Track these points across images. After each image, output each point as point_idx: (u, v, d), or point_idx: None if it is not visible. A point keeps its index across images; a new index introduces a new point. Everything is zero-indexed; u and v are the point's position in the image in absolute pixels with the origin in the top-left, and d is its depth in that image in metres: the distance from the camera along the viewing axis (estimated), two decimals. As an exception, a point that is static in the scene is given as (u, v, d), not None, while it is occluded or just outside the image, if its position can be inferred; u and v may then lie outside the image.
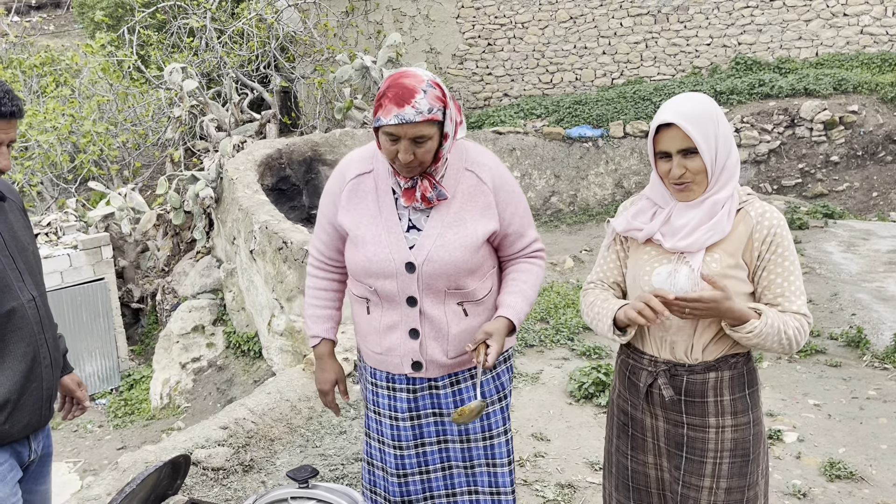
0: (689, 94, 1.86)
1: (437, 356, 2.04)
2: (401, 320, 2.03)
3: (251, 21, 10.88)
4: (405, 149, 1.86)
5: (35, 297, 1.95)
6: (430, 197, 1.95)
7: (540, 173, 10.41)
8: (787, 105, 9.93)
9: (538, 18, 11.77)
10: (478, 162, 2.04)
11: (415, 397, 2.09)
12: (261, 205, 6.96)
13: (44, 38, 18.14)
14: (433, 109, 1.85)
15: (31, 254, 2.02)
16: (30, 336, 1.91)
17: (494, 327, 1.95)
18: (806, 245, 7.29)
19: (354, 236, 2.03)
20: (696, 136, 1.77)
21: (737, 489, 1.88)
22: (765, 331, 1.76)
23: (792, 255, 1.84)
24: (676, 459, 1.93)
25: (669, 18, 11.40)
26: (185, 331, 8.13)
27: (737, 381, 1.89)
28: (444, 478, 2.17)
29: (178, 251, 9.47)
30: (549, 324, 5.55)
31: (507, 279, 2.12)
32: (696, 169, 1.81)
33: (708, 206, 1.84)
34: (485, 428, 2.11)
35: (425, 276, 1.97)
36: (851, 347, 5.00)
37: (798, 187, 9.89)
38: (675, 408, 1.91)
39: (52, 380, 2.00)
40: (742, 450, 1.88)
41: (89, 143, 10.57)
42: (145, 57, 12.25)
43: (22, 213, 2.09)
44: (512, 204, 2.05)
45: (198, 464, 3.28)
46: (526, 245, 2.13)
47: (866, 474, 3.40)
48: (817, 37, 11.04)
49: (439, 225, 1.98)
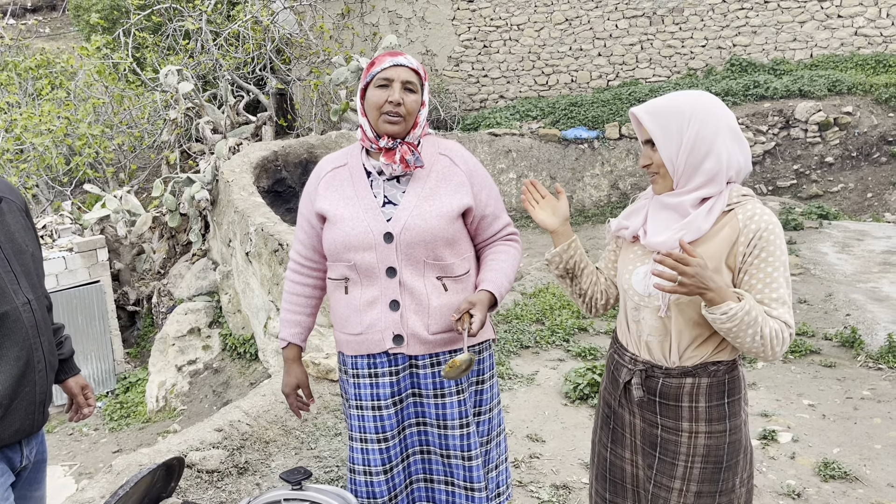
0: (687, 91, 1.86)
1: (418, 329, 2.07)
2: (381, 294, 2.08)
3: (247, 23, 10.88)
4: (397, 90, 2.03)
5: (30, 301, 1.92)
6: (409, 160, 2.06)
7: (536, 175, 10.42)
8: (781, 106, 9.96)
9: (534, 20, 11.79)
10: (450, 148, 2.19)
11: (397, 379, 2.11)
12: (256, 207, 6.96)
13: (39, 40, 18.12)
14: (419, 68, 2.09)
15: (29, 256, 1.97)
16: (23, 340, 1.87)
17: (477, 298, 2.05)
18: (801, 246, 7.31)
19: (333, 216, 2.10)
20: (651, 128, 1.81)
21: (707, 494, 1.86)
22: (740, 315, 1.66)
23: (778, 261, 1.76)
24: (650, 458, 1.93)
25: (665, 20, 11.43)
26: (181, 333, 8.12)
27: (715, 388, 1.85)
28: (422, 461, 2.20)
29: (173, 254, 9.45)
30: (544, 325, 5.56)
31: (486, 260, 2.21)
32: (659, 161, 1.83)
33: (674, 205, 1.84)
34: (463, 414, 2.13)
35: (403, 244, 2.04)
36: (846, 348, 5.01)
37: (793, 188, 9.91)
38: (650, 408, 1.91)
39: (46, 384, 1.97)
40: (715, 457, 1.85)
41: (85, 145, 10.55)
42: (141, 59, 12.24)
43: (23, 214, 2.04)
44: (486, 187, 2.18)
45: (192, 466, 3.28)
46: (501, 227, 2.23)
47: (860, 474, 3.41)
48: (812, 38, 11.08)
49: (415, 198, 2.08)
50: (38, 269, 2.02)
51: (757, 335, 1.69)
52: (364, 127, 2.11)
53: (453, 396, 2.12)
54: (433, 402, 2.12)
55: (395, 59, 2.05)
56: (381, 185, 2.11)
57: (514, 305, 5.94)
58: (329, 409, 4.08)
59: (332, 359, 4.39)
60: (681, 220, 1.82)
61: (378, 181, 2.11)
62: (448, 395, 2.11)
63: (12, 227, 1.95)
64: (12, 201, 2.01)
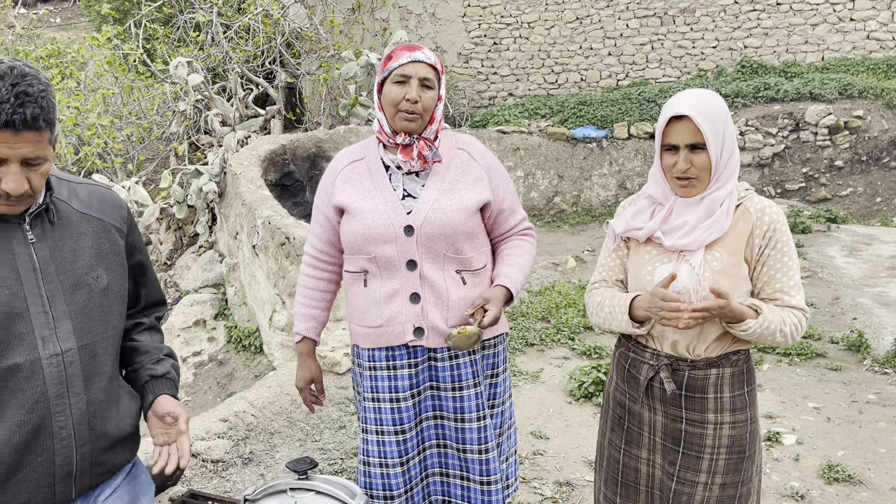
0: (700, 90, 1.86)
1: (437, 322, 2.08)
2: (401, 286, 2.08)
3: (257, 16, 10.88)
4: (414, 87, 2.02)
5: (64, 352, 1.53)
6: (426, 156, 2.05)
7: (543, 173, 10.40)
8: (791, 109, 9.92)
9: (544, 18, 11.76)
10: (468, 143, 2.20)
11: (415, 371, 2.11)
12: (264, 200, 6.97)
13: (50, 30, 18.17)
14: (436, 63, 2.08)
15: (93, 293, 1.60)
16: (34, 402, 1.50)
17: (493, 293, 2.07)
18: (808, 249, 7.28)
19: (352, 209, 2.10)
20: (706, 132, 1.77)
21: (731, 485, 1.90)
22: (759, 330, 1.79)
23: (791, 250, 1.85)
24: (672, 455, 1.93)
25: (676, 20, 11.39)
26: (187, 325, 8.14)
27: (737, 378, 1.90)
28: (438, 455, 2.21)
29: (180, 245, 9.48)
30: (550, 323, 5.55)
31: (502, 254, 2.22)
32: (701, 165, 1.81)
33: (707, 203, 1.84)
34: (480, 406, 2.14)
35: (424, 237, 2.05)
36: (852, 351, 5.00)
37: (801, 191, 9.87)
38: (674, 402, 1.92)
39: (75, 454, 1.56)
40: (738, 447, 1.89)
41: (94, 135, 10.58)
42: (151, 51, 12.26)
43: (116, 235, 1.69)
44: (503, 182, 2.20)
45: (197, 455, 3.29)
46: (518, 222, 2.25)
47: (864, 477, 3.40)
48: (823, 41, 11.03)
49: (435, 192, 2.08)
50: (109, 307, 1.64)
51: (778, 336, 1.81)
52: (381, 121, 2.10)
53: (471, 389, 2.13)
54: (451, 396, 2.13)
55: (412, 55, 2.04)
56: (399, 178, 2.11)
57: (521, 303, 5.94)
58: (333, 402, 4.09)
59: (336, 352, 4.40)
60: (706, 219, 1.83)
61: (397, 175, 2.12)
62: (466, 389, 2.13)
63: (78, 253, 1.59)
64: (100, 220, 1.66)
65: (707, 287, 1.80)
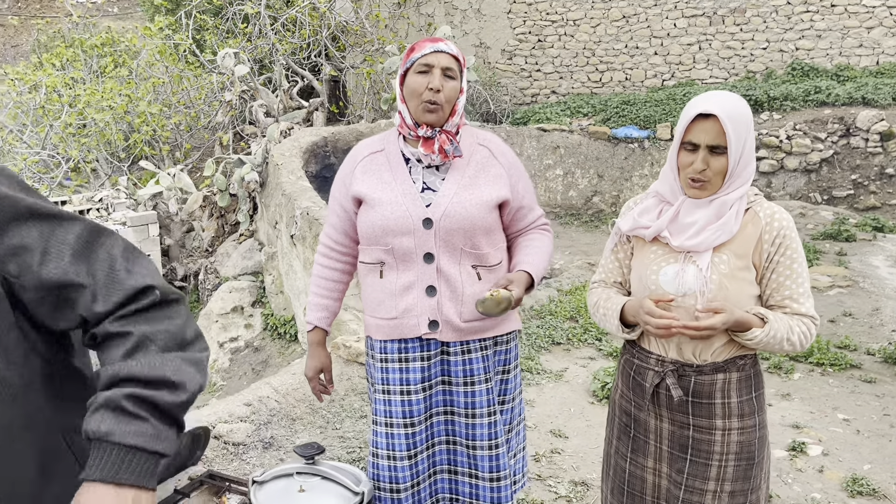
0: (729, 92, 1.83)
1: (451, 317, 2.09)
2: (417, 279, 2.09)
3: (304, 9, 11.02)
4: (437, 76, 2.03)
5: None
6: (447, 150, 2.07)
7: (583, 172, 10.33)
8: (842, 114, 9.67)
9: (590, 16, 11.66)
10: (489, 140, 2.21)
11: (428, 365, 2.12)
12: (303, 191, 7.07)
13: (106, 19, 18.67)
14: (458, 54, 2.09)
15: None
16: None
17: (516, 276, 2.09)
18: (851, 258, 7.10)
19: (371, 199, 2.11)
20: (731, 135, 1.74)
21: (740, 493, 1.86)
22: (765, 340, 1.77)
23: (800, 256, 1.82)
24: (680, 463, 1.91)
25: (725, 20, 11.18)
26: (225, 311, 8.32)
27: (744, 383, 1.87)
28: (447, 451, 2.21)
29: (222, 233, 9.67)
30: (578, 323, 5.53)
31: (521, 245, 2.23)
32: (717, 169, 1.78)
33: (716, 205, 1.82)
34: (490, 402, 2.15)
35: (442, 231, 2.06)
36: (889, 364, 4.87)
37: (849, 199, 9.62)
38: (681, 409, 1.89)
39: None
40: (747, 453, 1.86)
41: (143, 123, 10.86)
42: (201, 41, 12.52)
43: None
44: (523, 179, 2.21)
45: (219, 437, 3.37)
46: (536, 218, 2.26)
47: (890, 493, 3.32)
48: (879, 45, 10.71)
49: (455, 186, 2.09)
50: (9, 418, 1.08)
51: (786, 345, 1.79)
52: (403, 113, 2.12)
53: (482, 384, 2.14)
54: (462, 391, 2.14)
55: (435, 46, 2.05)
56: (419, 171, 2.12)
57: (549, 301, 5.92)
58: (357, 392, 4.14)
59: (363, 342, 4.45)
60: (715, 220, 1.81)
61: (417, 167, 2.13)
62: (478, 384, 2.13)
63: None
64: None
65: (713, 290, 1.78)
